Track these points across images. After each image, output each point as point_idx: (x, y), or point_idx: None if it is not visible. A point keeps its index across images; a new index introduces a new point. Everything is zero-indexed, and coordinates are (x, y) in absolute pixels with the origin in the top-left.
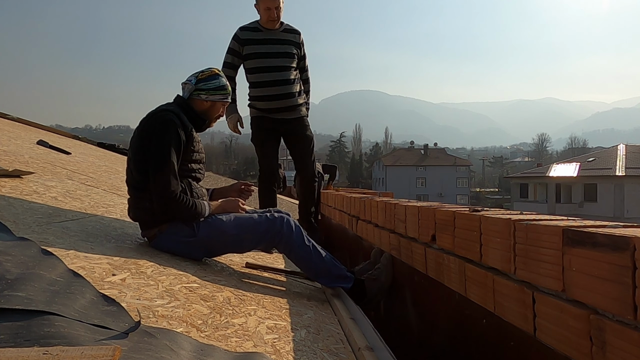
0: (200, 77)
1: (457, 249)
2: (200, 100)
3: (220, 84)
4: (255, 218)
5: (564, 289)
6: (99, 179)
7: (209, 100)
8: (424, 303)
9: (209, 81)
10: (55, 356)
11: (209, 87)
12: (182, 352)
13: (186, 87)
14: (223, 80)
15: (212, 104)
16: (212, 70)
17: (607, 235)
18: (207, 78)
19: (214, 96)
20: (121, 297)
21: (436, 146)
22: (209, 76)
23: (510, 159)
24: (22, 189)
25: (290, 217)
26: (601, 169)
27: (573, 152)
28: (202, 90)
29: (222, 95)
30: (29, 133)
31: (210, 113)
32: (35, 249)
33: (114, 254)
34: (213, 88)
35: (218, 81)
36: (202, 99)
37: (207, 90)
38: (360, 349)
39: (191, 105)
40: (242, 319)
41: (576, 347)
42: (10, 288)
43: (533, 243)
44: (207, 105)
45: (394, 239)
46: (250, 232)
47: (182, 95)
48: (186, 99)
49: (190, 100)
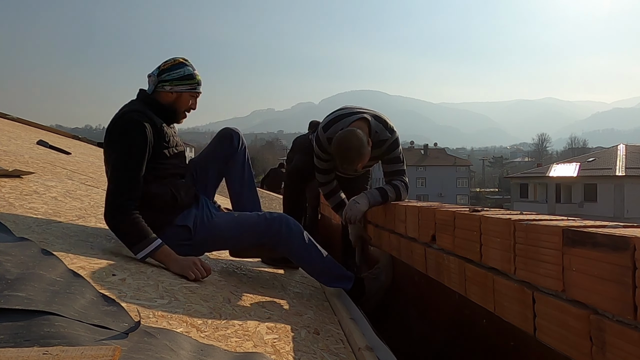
0: (162, 67)
1: (457, 249)
2: (165, 92)
3: (185, 72)
4: (254, 217)
5: (564, 289)
6: (99, 179)
7: (174, 92)
8: (424, 303)
9: (172, 71)
10: (55, 356)
11: (172, 77)
12: (182, 352)
13: (150, 80)
14: (189, 69)
15: (179, 95)
16: (177, 60)
17: (607, 235)
18: (170, 68)
19: (179, 86)
20: (121, 297)
21: (436, 146)
22: (172, 65)
23: (510, 159)
24: (22, 189)
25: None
26: (601, 169)
27: (573, 152)
28: (165, 82)
29: (189, 85)
30: (29, 133)
31: (177, 105)
32: (35, 249)
33: (114, 254)
34: (177, 78)
35: (183, 70)
36: (167, 90)
37: (170, 81)
38: (360, 349)
39: (156, 98)
40: (242, 319)
41: (576, 347)
42: (10, 288)
43: (533, 243)
44: (173, 97)
45: (394, 239)
46: (248, 232)
47: (147, 90)
48: (150, 93)
49: (155, 93)
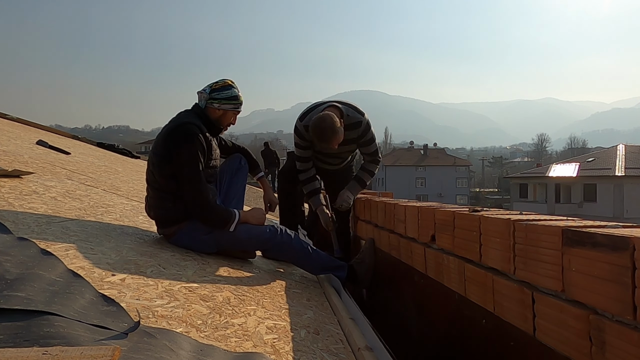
0: (214, 87)
1: (456, 249)
2: (213, 109)
3: (232, 94)
4: (262, 227)
5: (564, 289)
6: (99, 179)
7: (221, 109)
8: (423, 303)
9: (221, 91)
10: (55, 356)
11: (221, 96)
12: (181, 352)
13: (202, 96)
14: (235, 91)
15: (224, 113)
16: (225, 82)
17: (606, 235)
18: (220, 88)
19: (225, 105)
20: (121, 297)
21: (436, 146)
22: (222, 87)
23: (510, 159)
24: (21, 189)
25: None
26: (601, 169)
27: (572, 152)
28: (215, 100)
29: (234, 105)
30: (29, 133)
31: (222, 120)
32: (35, 249)
33: (114, 254)
34: (225, 97)
35: (230, 91)
36: (215, 107)
37: (219, 100)
38: (360, 349)
39: (206, 113)
40: (241, 319)
41: (576, 347)
42: (9, 288)
43: (532, 243)
44: (219, 114)
45: (393, 239)
46: (255, 238)
47: (199, 104)
48: (202, 107)
49: (205, 108)
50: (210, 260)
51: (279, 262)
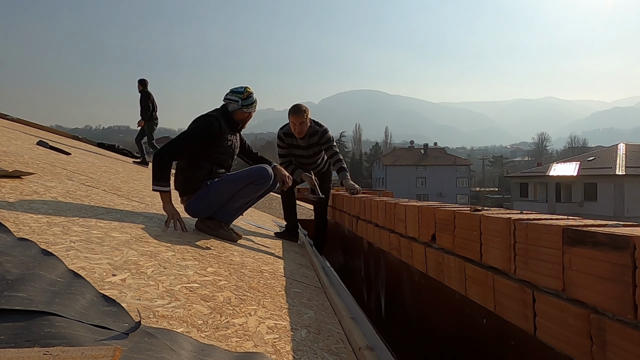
0: (243, 97)
1: (457, 249)
2: (242, 112)
3: (253, 100)
4: (246, 171)
5: (564, 288)
6: (99, 179)
7: (246, 112)
8: (424, 303)
9: (248, 99)
10: (56, 356)
11: (248, 103)
12: (182, 352)
13: (232, 105)
14: (254, 97)
15: (248, 114)
16: (248, 90)
17: (607, 234)
18: (247, 97)
19: (249, 108)
20: (121, 298)
21: (436, 146)
22: (248, 96)
23: (510, 158)
24: (22, 190)
25: None
26: (601, 168)
27: (573, 152)
28: (245, 106)
29: (254, 108)
30: (29, 134)
31: (246, 120)
32: (36, 250)
33: (114, 254)
34: (250, 103)
35: (252, 98)
36: (244, 111)
37: (248, 105)
38: (361, 348)
39: (233, 116)
40: (242, 319)
41: (576, 346)
42: (10, 288)
43: (533, 242)
44: (245, 116)
45: (394, 239)
46: (241, 177)
47: (229, 109)
48: (231, 111)
49: (234, 112)
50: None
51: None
